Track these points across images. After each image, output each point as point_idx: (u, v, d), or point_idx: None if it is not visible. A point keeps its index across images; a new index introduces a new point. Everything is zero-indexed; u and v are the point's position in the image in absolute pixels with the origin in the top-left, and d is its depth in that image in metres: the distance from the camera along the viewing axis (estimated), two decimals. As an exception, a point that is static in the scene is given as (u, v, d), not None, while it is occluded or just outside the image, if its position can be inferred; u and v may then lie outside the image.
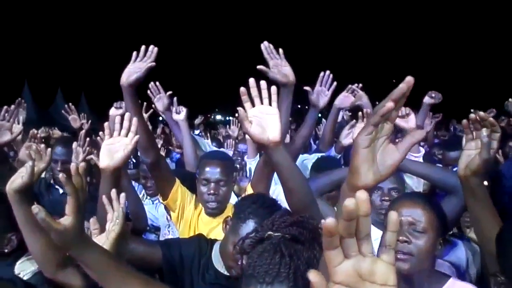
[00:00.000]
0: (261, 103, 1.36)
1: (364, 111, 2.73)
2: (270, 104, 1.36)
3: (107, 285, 1.21)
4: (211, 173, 2.14)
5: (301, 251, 1.07)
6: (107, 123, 1.53)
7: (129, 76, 1.86)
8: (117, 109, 2.73)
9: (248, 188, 2.27)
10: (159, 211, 2.99)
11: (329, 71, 2.53)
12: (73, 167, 1.21)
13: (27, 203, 1.51)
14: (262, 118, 1.34)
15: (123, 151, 1.49)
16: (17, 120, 2.43)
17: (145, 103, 3.40)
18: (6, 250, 1.73)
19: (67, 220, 1.12)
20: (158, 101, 3.31)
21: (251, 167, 3.19)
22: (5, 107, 2.40)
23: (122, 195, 1.46)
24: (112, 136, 1.52)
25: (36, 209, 1.06)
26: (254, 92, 1.34)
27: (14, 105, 2.57)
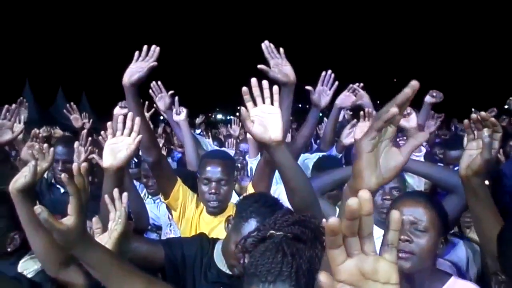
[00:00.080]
0: (263, 103, 1.36)
1: (366, 110, 2.73)
2: (272, 103, 1.36)
3: (110, 284, 1.22)
4: (212, 172, 2.14)
5: (303, 250, 1.07)
6: (109, 123, 1.53)
7: (131, 75, 1.86)
8: (122, 108, 2.71)
9: (249, 187, 2.28)
10: (160, 210, 2.99)
11: (330, 71, 2.53)
12: (75, 167, 1.21)
13: (30, 202, 1.53)
14: (264, 117, 1.34)
15: (126, 150, 1.50)
16: (18, 119, 2.43)
17: (146, 102, 3.40)
18: (9, 249, 1.74)
19: (69, 220, 1.13)
20: (159, 100, 3.31)
21: (252, 166, 3.20)
22: (6, 106, 2.40)
23: (124, 195, 1.47)
24: (115, 135, 1.53)
25: (38, 210, 1.07)
26: (256, 91, 1.35)
27: (15, 104, 2.57)
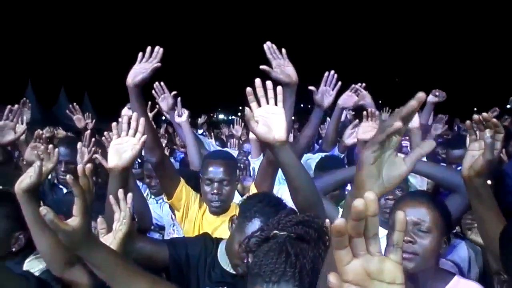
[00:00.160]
0: (267, 103, 1.37)
1: (368, 110, 2.73)
2: (276, 104, 1.37)
3: (115, 284, 1.22)
4: (215, 172, 2.15)
5: (307, 250, 1.07)
6: (114, 124, 1.54)
7: (135, 76, 1.88)
8: (130, 109, 2.73)
9: (252, 187, 2.29)
10: (163, 210, 3.00)
11: (333, 71, 2.53)
12: (80, 168, 1.22)
13: (35, 203, 1.54)
14: (268, 117, 1.35)
15: (131, 151, 1.51)
16: (20, 120, 2.44)
17: (149, 103, 3.41)
18: (14, 249, 1.75)
19: (74, 221, 1.14)
20: (162, 101, 3.32)
21: (255, 166, 3.20)
22: (9, 106, 2.40)
23: (129, 195, 1.47)
24: (120, 136, 1.54)
25: (44, 211, 1.07)
26: (260, 92, 1.36)
27: (18, 104, 2.57)
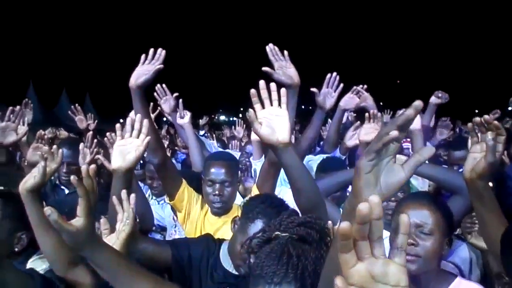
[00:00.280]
0: (271, 105, 1.38)
1: (371, 112, 2.73)
2: (279, 105, 1.38)
3: (118, 284, 1.23)
4: (216, 174, 2.15)
5: (309, 252, 1.07)
6: (118, 125, 1.55)
7: (137, 78, 1.89)
8: None
9: (253, 189, 2.29)
10: (165, 211, 3.00)
11: (335, 73, 2.54)
12: (84, 169, 1.23)
13: (39, 203, 1.55)
14: (271, 119, 1.36)
15: (135, 152, 1.52)
16: (22, 121, 2.44)
17: (151, 104, 3.43)
18: (16, 249, 1.76)
19: (78, 221, 1.15)
20: (164, 103, 3.34)
21: (256, 168, 3.21)
22: (11, 107, 2.41)
23: (132, 196, 1.48)
24: (124, 137, 1.55)
25: (48, 211, 1.09)
26: (264, 93, 1.37)
27: (20, 105, 2.58)
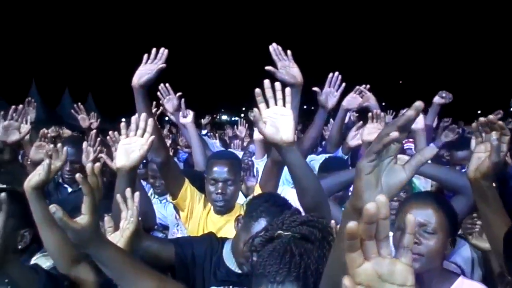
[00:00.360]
0: (275, 104, 1.38)
1: (374, 112, 2.73)
2: (284, 105, 1.39)
3: (122, 282, 1.24)
4: (219, 173, 2.16)
5: (311, 251, 1.08)
6: (123, 124, 1.56)
7: (140, 77, 1.90)
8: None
9: (256, 188, 2.30)
10: (167, 210, 3.01)
11: (338, 72, 2.54)
12: (89, 167, 1.24)
13: (44, 200, 1.57)
14: (276, 118, 1.36)
15: (139, 151, 1.53)
16: (25, 119, 2.45)
17: (154, 103, 3.44)
18: (20, 246, 1.77)
19: (83, 219, 1.15)
20: (167, 102, 3.35)
21: (259, 167, 3.21)
22: (13, 106, 2.42)
23: (136, 194, 1.49)
24: (128, 136, 1.56)
25: (53, 209, 1.09)
26: (268, 93, 1.37)
27: (23, 104, 2.58)
